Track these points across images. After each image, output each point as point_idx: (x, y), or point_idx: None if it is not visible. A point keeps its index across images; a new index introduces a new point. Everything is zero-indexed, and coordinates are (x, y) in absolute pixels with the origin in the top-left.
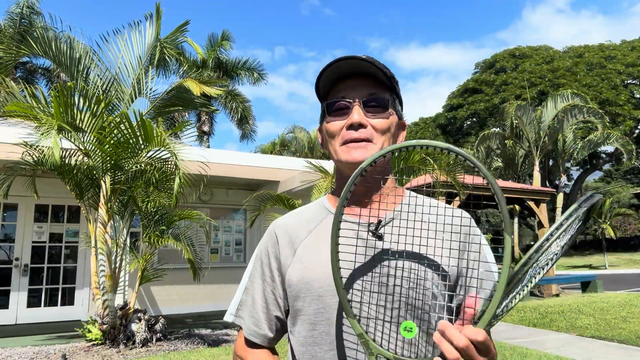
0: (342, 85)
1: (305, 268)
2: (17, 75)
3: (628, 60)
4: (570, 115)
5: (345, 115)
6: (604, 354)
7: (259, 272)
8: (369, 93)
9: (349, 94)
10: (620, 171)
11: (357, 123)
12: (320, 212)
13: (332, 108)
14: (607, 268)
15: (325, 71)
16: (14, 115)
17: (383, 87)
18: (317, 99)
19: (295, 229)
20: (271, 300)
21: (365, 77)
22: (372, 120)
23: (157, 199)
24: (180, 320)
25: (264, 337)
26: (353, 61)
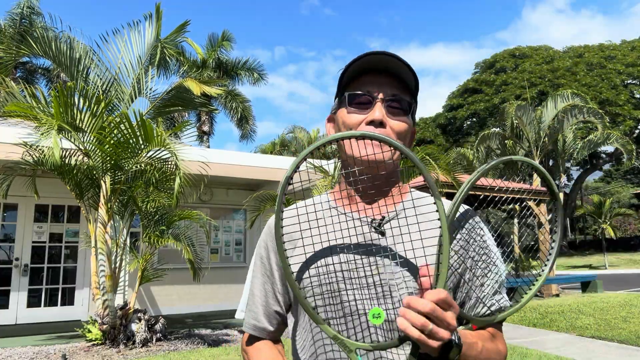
0: (367, 78)
1: (303, 262)
2: (17, 75)
3: (628, 60)
4: (570, 115)
5: (366, 110)
6: (604, 354)
7: (259, 267)
8: (392, 93)
9: (373, 89)
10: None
11: (378, 120)
12: (321, 206)
13: (354, 100)
14: (607, 268)
15: (356, 62)
16: (14, 115)
17: (407, 90)
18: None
19: (295, 223)
20: (270, 294)
21: (391, 76)
22: (391, 120)
23: (157, 199)
24: (180, 320)
25: (263, 330)
26: (386, 57)
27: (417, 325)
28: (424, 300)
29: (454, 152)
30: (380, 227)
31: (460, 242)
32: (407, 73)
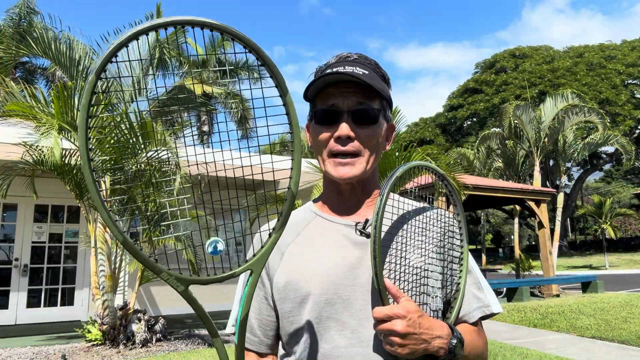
0: (333, 90)
1: (291, 270)
2: (17, 75)
3: (628, 60)
4: (571, 114)
5: (334, 124)
6: (605, 354)
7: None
8: (358, 102)
9: (338, 101)
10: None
11: (345, 136)
12: (306, 215)
13: (321, 116)
14: (608, 268)
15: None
16: (14, 115)
17: (374, 93)
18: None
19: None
20: (264, 306)
21: (357, 84)
22: (360, 132)
23: (157, 199)
24: (180, 320)
25: (260, 342)
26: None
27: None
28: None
29: (454, 152)
30: (365, 229)
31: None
32: (372, 77)
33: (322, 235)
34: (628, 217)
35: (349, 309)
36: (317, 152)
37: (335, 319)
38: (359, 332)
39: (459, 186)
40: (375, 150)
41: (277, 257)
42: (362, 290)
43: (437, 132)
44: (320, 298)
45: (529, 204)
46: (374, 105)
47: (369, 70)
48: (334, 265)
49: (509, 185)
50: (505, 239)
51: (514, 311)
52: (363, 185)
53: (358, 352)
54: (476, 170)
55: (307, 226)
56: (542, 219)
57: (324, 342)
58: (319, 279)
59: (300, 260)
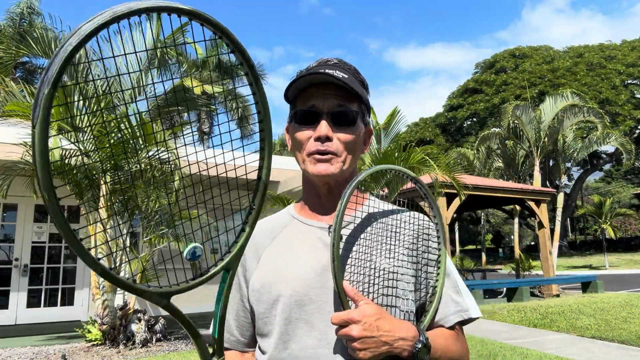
0: (311, 91)
1: (267, 273)
2: (17, 75)
3: (628, 60)
4: (570, 114)
5: (313, 125)
6: (605, 354)
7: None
8: (337, 104)
9: (318, 102)
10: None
11: (324, 136)
12: (284, 219)
13: (301, 116)
14: (608, 268)
15: (297, 81)
16: (14, 115)
17: (353, 97)
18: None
19: (260, 236)
20: (240, 308)
21: (337, 86)
22: (339, 134)
23: (157, 199)
24: None
25: (237, 342)
26: (323, 76)
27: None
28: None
29: (454, 152)
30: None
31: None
32: (352, 81)
33: (299, 239)
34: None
35: (319, 311)
36: (296, 151)
37: (305, 320)
38: (327, 334)
39: (459, 186)
40: (353, 152)
41: (254, 260)
42: (332, 293)
43: (437, 132)
44: (290, 300)
45: (529, 204)
46: (353, 108)
47: (348, 75)
48: (309, 268)
49: (509, 185)
50: (505, 239)
51: (514, 311)
52: (340, 187)
53: (325, 354)
54: (476, 170)
55: (284, 229)
56: (542, 219)
57: (293, 342)
58: (293, 282)
59: (276, 263)
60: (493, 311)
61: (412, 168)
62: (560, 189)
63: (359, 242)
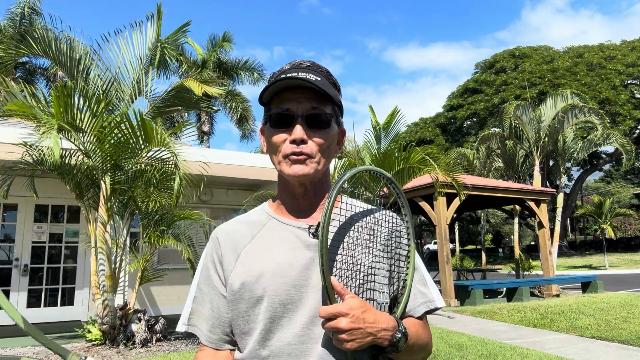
0: (286, 94)
1: (246, 271)
2: (17, 75)
3: (628, 60)
4: (570, 115)
5: (288, 128)
6: (605, 354)
7: (206, 279)
8: (311, 107)
9: (292, 106)
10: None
11: (299, 139)
12: (262, 217)
13: (276, 120)
14: (608, 268)
15: (271, 86)
16: (14, 115)
17: (326, 100)
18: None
19: (238, 234)
20: (221, 304)
21: (310, 89)
22: (313, 135)
23: (157, 199)
24: None
25: (218, 340)
26: (298, 80)
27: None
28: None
29: (454, 152)
30: (317, 232)
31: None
32: (325, 84)
33: (277, 238)
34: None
35: (302, 308)
36: (271, 153)
37: (288, 318)
38: (310, 330)
39: (458, 186)
40: (327, 153)
41: (233, 259)
42: (313, 290)
43: (437, 132)
44: (274, 299)
45: (529, 204)
46: (327, 110)
47: (321, 77)
48: (288, 267)
49: (509, 185)
50: (505, 239)
51: (514, 311)
52: (315, 188)
53: (309, 349)
54: (476, 170)
55: (262, 228)
56: (542, 219)
57: (277, 340)
58: (273, 280)
59: (255, 261)
60: (493, 311)
61: (413, 168)
62: (560, 189)
63: (340, 240)
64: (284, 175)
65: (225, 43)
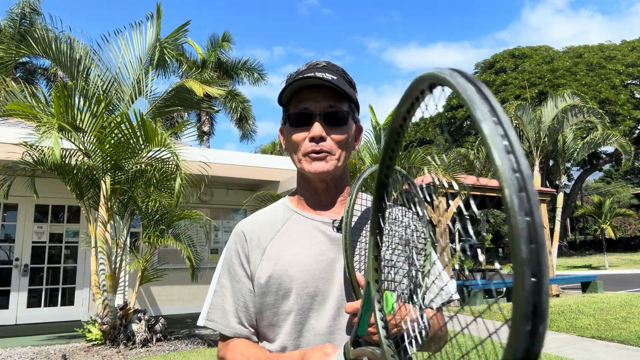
0: (303, 94)
1: (274, 265)
2: (17, 75)
3: (628, 60)
4: (571, 115)
5: (307, 126)
6: (604, 354)
7: (229, 273)
8: (329, 105)
9: (310, 105)
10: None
11: (318, 137)
12: (285, 212)
13: (295, 119)
14: (607, 268)
15: (290, 86)
16: (15, 115)
17: (343, 98)
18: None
19: (262, 229)
20: (248, 298)
21: (327, 88)
22: (331, 132)
23: (157, 199)
24: (180, 320)
25: (247, 332)
26: (314, 80)
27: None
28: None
29: (454, 152)
30: (340, 226)
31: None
32: (341, 83)
33: (301, 232)
34: (628, 217)
35: (329, 300)
36: (292, 152)
37: (316, 310)
38: (337, 321)
39: (459, 186)
40: (346, 149)
41: (259, 253)
42: (339, 283)
43: (437, 132)
44: (302, 291)
45: None
46: (344, 108)
47: (337, 76)
48: (314, 260)
49: None
50: (505, 239)
51: None
52: (336, 183)
53: (337, 339)
54: (476, 170)
55: (286, 223)
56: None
57: (306, 330)
58: (300, 274)
59: (282, 255)
60: (493, 311)
61: (413, 168)
62: (560, 189)
63: (361, 235)
64: (305, 172)
65: (225, 43)
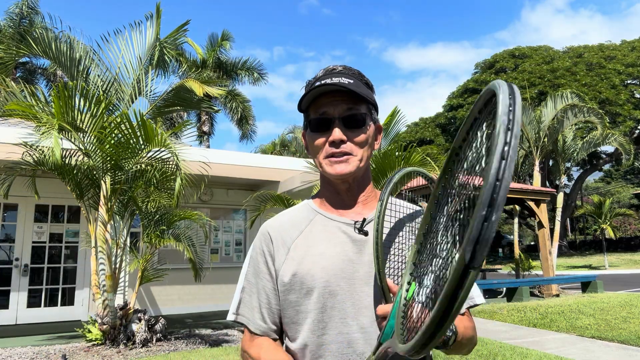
0: (322, 100)
1: (298, 264)
2: (17, 75)
3: (628, 60)
4: (570, 114)
5: (327, 131)
6: (604, 354)
7: (255, 271)
8: (347, 107)
9: (329, 110)
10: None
11: (338, 140)
12: (309, 213)
13: (315, 124)
14: (607, 268)
15: (307, 94)
16: (15, 115)
17: (360, 100)
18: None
19: (287, 229)
20: (273, 295)
21: (345, 92)
22: (351, 134)
23: (157, 199)
24: (180, 320)
25: (268, 329)
26: (331, 86)
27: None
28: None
29: None
30: (362, 228)
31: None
32: (357, 85)
33: (324, 232)
34: (628, 217)
35: (350, 300)
36: (314, 156)
37: (338, 309)
38: (359, 320)
39: None
40: (366, 149)
41: (283, 252)
42: (360, 283)
43: (437, 132)
44: (324, 290)
45: (529, 204)
46: (361, 110)
47: (353, 80)
48: (337, 260)
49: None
50: (505, 239)
51: (514, 311)
52: (358, 183)
53: (359, 337)
54: None
55: (310, 224)
56: (542, 219)
57: (329, 329)
58: (323, 273)
59: (305, 255)
60: (493, 311)
61: None
62: (560, 188)
63: (389, 240)
64: (327, 175)
65: (225, 42)
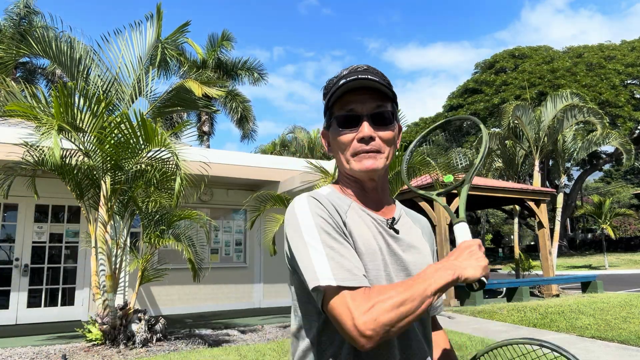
0: (349, 97)
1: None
2: (18, 75)
3: (628, 61)
4: (570, 115)
5: (355, 127)
6: (604, 354)
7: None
8: (376, 105)
9: (357, 107)
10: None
11: (367, 137)
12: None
13: (343, 121)
14: (607, 268)
15: (338, 89)
16: (15, 115)
17: (386, 98)
18: (323, 102)
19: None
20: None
21: (371, 89)
22: (379, 133)
23: (157, 199)
24: (180, 320)
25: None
26: (363, 81)
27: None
28: None
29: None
30: (393, 226)
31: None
32: (384, 87)
33: (363, 222)
34: (628, 217)
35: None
36: (339, 153)
37: None
38: None
39: None
40: (392, 148)
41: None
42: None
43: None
44: (369, 274)
45: (529, 204)
46: (389, 108)
47: (379, 78)
48: (378, 250)
49: (509, 185)
50: (505, 239)
51: (514, 311)
52: (382, 183)
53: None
54: None
55: (349, 209)
56: (542, 219)
57: None
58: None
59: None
60: (493, 311)
61: (413, 168)
62: (560, 189)
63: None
64: (354, 172)
65: (225, 42)
